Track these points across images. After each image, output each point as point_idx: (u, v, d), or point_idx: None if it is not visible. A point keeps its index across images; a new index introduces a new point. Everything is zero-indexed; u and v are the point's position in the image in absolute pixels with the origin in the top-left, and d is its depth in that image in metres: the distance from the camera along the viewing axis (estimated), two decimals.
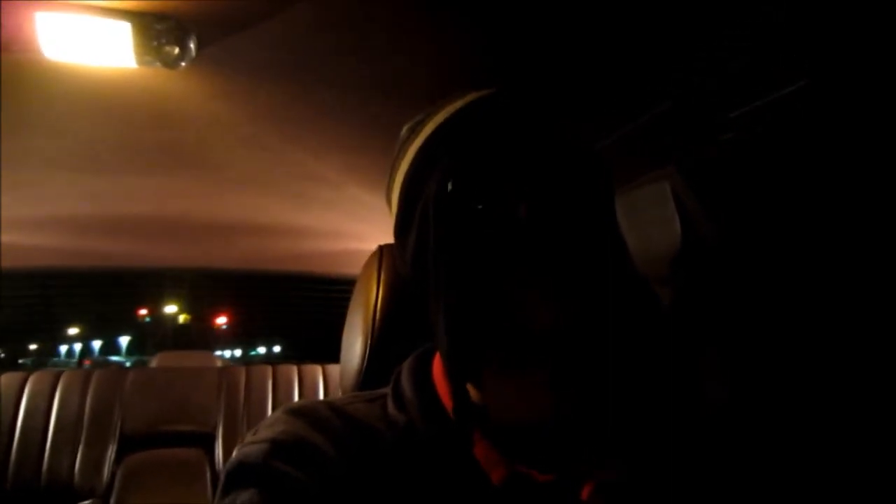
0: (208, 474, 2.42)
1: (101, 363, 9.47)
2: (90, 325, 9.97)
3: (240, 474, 0.57)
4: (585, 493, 0.58)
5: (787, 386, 0.98)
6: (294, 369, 2.78)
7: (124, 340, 10.84)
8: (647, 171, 1.21)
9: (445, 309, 0.57)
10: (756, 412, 0.79)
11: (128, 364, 8.15)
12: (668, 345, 0.68)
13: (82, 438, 2.38)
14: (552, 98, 1.09)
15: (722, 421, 0.68)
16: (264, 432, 0.60)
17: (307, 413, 0.62)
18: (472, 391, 0.60)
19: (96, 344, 10.77)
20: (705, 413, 0.68)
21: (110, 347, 10.78)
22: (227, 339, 9.93)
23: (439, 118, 0.64)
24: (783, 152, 0.97)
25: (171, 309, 9.00)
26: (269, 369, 2.76)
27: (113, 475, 2.36)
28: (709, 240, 1.14)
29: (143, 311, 9.37)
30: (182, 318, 8.96)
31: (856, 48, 0.77)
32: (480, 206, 0.57)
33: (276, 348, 10.43)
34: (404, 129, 0.69)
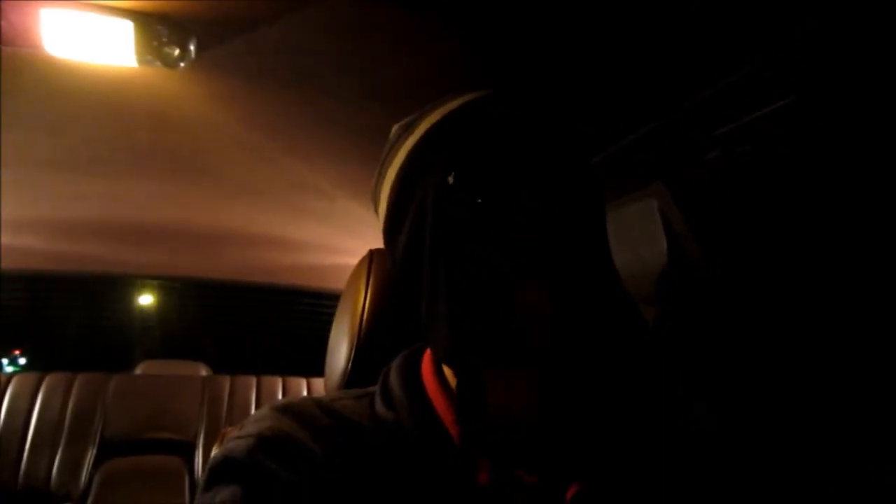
0: (187, 483, 2.40)
1: None
2: None
3: (224, 469, 0.56)
4: (570, 494, 0.58)
5: (775, 410, 0.98)
6: (278, 381, 2.77)
7: None
8: (633, 188, 1.23)
9: (447, 304, 0.58)
10: (743, 434, 0.80)
11: None
12: (657, 358, 0.69)
13: (62, 441, 2.36)
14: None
15: (708, 439, 0.69)
16: (250, 427, 0.59)
17: (294, 410, 0.62)
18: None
19: None
20: (692, 429, 0.69)
21: None
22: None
23: (434, 117, 0.64)
24: (770, 170, 0.98)
25: None
26: (254, 380, 2.75)
27: (90, 479, 2.33)
28: (695, 259, 1.15)
29: None
30: None
31: (844, 64, 0.78)
32: (480, 200, 0.57)
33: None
34: (394, 129, 0.70)
